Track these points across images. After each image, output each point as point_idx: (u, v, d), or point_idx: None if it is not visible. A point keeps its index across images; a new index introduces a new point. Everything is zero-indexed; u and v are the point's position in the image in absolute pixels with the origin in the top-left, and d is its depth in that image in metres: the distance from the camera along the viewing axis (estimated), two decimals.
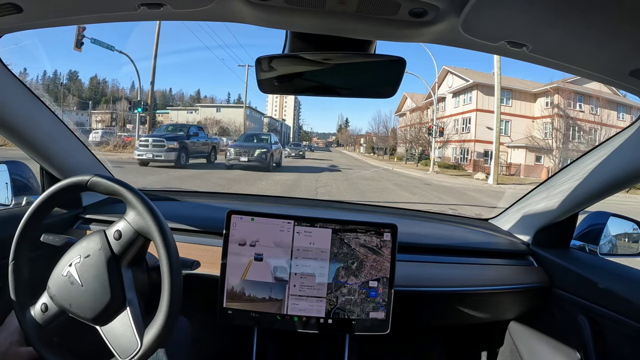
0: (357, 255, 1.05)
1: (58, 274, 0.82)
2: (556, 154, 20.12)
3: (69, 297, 0.80)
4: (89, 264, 0.80)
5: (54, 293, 0.81)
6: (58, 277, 0.81)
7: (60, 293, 0.81)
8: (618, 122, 20.42)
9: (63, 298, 0.81)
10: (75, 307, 0.80)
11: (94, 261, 0.80)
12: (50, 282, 0.83)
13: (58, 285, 0.81)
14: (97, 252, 0.80)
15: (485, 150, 23.01)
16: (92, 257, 0.80)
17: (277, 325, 1.04)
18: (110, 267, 0.80)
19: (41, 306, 0.83)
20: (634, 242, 1.30)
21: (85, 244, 0.82)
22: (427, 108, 28.35)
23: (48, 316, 0.83)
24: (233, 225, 1.05)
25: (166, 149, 12.23)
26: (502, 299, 1.28)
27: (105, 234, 0.83)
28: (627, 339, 1.01)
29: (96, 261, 0.80)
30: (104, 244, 0.81)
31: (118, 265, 0.81)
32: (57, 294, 0.81)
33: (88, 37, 14.37)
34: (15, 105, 1.02)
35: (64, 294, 0.80)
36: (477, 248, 1.34)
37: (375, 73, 0.89)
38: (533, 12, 0.60)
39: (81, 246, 0.83)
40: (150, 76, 16.47)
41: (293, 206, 1.75)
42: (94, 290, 0.79)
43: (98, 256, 0.80)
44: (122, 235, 0.81)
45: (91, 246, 0.81)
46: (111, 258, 0.80)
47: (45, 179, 1.27)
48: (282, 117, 69.14)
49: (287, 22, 0.77)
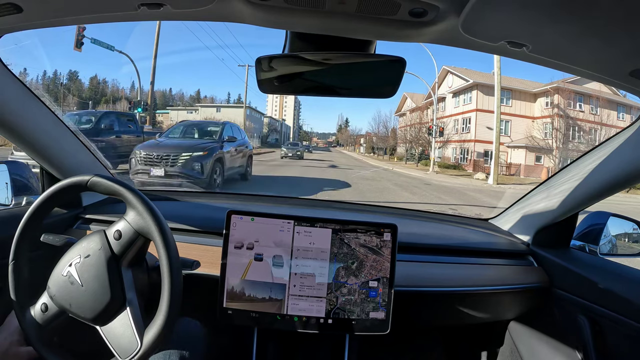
0: (357, 255, 1.05)
1: (58, 274, 0.82)
2: (556, 154, 20.09)
3: (69, 297, 0.80)
4: (89, 264, 0.80)
5: (54, 293, 0.81)
6: (58, 277, 0.81)
7: (60, 293, 0.81)
8: (618, 122, 20.39)
9: (63, 298, 0.81)
10: (75, 307, 0.80)
11: (94, 261, 0.80)
12: (50, 282, 0.83)
13: (58, 285, 0.81)
14: (97, 252, 0.80)
15: (485, 150, 22.98)
16: (92, 257, 0.80)
17: (277, 325, 1.04)
18: (110, 267, 0.80)
19: (41, 306, 0.83)
20: (634, 242, 1.31)
21: (85, 244, 0.82)
22: (427, 108, 28.33)
23: (48, 316, 0.83)
24: (233, 225, 1.05)
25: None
26: (502, 299, 1.28)
27: (105, 234, 0.83)
28: (627, 339, 1.01)
29: (96, 261, 0.80)
30: (104, 244, 0.81)
31: (118, 265, 0.81)
32: (57, 294, 0.81)
33: (88, 37, 14.28)
34: (15, 105, 1.02)
35: (64, 294, 0.81)
36: (477, 248, 1.34)
37: (375, 73, 0.89)
38: (533, 12, 0.60)
39: (81, 246, 0.83)
40: (151, 76, 16.42)
41: (293, 206, 1.75)
42: (94, 290, 0.79)
43: (98, 256, 0.80)
44: (122, 235, 0.81)
45: (91, 246, 0.81)
46: (111, 258, 0.80)
47: (45, 179, 1.27)
48: (282, 117, 69.16)
49: (287, 22, 0.77)
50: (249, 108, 39.33)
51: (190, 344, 1.12)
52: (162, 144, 7.94)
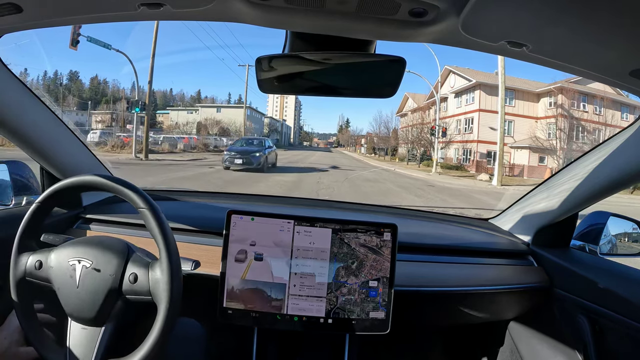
0: (357, 255, 1.05)
1: (65, 257, 0.82)
2: (560, 154, 20.02)
3: (61, 282, 0.81)
4: (94, 278, 0.80)
5: (53, 266, 0.82)
6: (62, 260, 0.81)
7: (57, 272, 0.81)
8: (622, 122, 20.24)
9: (57, 278, 0.81)
10: (61, 294, 0.80)
11: (99, 279, 0.80)
12: (53, 254, 0.83)
13: (59, 265, 0.81)
14: (108, 276, 0.80)
15: (488, 151, 22.84)
16: (101, 275, 0.80)
17: (277, 325, 1.04)
18: (109, 295, 0.80)
19: (36, 262, 0.83)
20: (634, 242, 1.30)
21: (102, 256, 0.82)
22: (428, 108, 28.23)
23: (37, 275, 0.83)
24: (233, 225, 1.05)
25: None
26: (502, 298, 1.28)
27: (125, 265, 0.82)
28: (627, 339, 1.00)
29: (101, 281, 0.80)
30: (117, 274, 0.80)
31: (117, 296, 0.81)
32: (54, 269, 0.81)
33: (84, 36, 14.07)
34: (15, 105, 1.02)
35: (59, 276, 0.81)
36: (477, 248, 1.34)
37: (375, 73, 0.89)
38: (533, 12, 0.60)
39: (100, 253, 0.82)
40: (149, 75, 16.25)
41: (293, 206, 1.75)
42: (85, 299, 0.79)
43: (106, 280, 0.80)
44: (137, 280, 0.80)
45: (107, 264, 0.81)
46: (115, 290, 0.80)
47: (45, 179, 1.27)
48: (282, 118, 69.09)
49: (287, 22, 0.77)
50: (249, 108, 39.29)
51: (190, 344, 1.12)
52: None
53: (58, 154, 1.21)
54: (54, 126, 1.17)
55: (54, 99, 30.80)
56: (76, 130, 1.26)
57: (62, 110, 29.87)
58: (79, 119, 34.22)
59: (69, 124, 1.22)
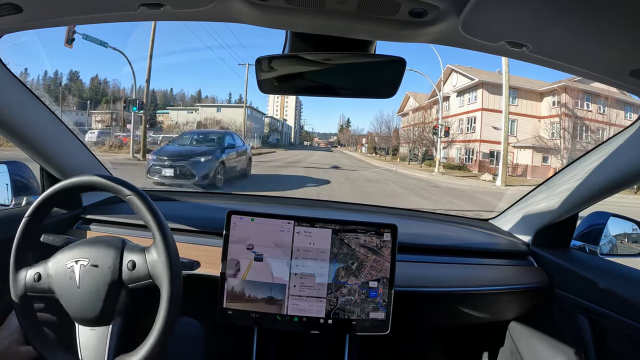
0: (357, 255, 1.05)
1: (62, 261, 0.81)
2: (564, 154, 19.90)
3: (62, 287, 0.80)
4: (93, 275, 0.80)
5: (52, 274, 0.81)
6: (61, 265, 0.81)
7: (56, 278, 0.81)
8: (626, 122, 20.10)
9: (57, 284, 0.81)
10: (64, 299, 0.80)
11: (99, 275, 0.80)
12: (51, 261, 0.82)
13: (57, 271, 0.81)
14: (106, 269, 0.80)
15: (491, 151, 22.69)
16: (99, 270, 0.80)
17: (277, 326, 1.04)
18: (111, 289, 0.80)
19: (35, 275, 0.82)
20: (634, 242, 1.30)
21: (99, 252, 0.81)
22: (430, 107, 28.17)
23: (37, 287, 0.82)
24: (233, 225, 1.05)
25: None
26: (502, 299, 1.28)
27: (121, 254, 0.82)
28: (627, 339, 1.00)
29: (101, 277, 0.80)
30: (115, 266, 0.80)
31: (119, 288, 0.81)
32: (54, 277, 0.81)
33: (79, 33, 13.77)
34: (15, 105, 1.02)
35: (60, 281, 0.80)
36: (477, 248, 1.34)
37: (375, 73, 0.89)
38: (533, 12, 0.60)
39: (95, 250, 0.82)
40: (146, 74, 16.08)
41: (293, 206, 1.75)
42: (87, 299, 0.79)
43: (104, 274, 0.80)
44: (135, 267, 0.80)
45: (104, 259, 0.81)
46: (115, 282, 0.80)
47: (45, 179, 1.28)
48: (283, 117, 69.03)
49: (287, 22, 0.77)
50: (249, 108, 39.21)
51: (190, 344, 1.12)
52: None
53: (58, 154, 1.21)
54: (54, 126, 1.17)
55: (54, 99, 30.78)
56: (75, 130, 1.26)
57: (61, 110, 29.87)
58: (79, 118, 34.21)
59: (69, 124, 1.22)
